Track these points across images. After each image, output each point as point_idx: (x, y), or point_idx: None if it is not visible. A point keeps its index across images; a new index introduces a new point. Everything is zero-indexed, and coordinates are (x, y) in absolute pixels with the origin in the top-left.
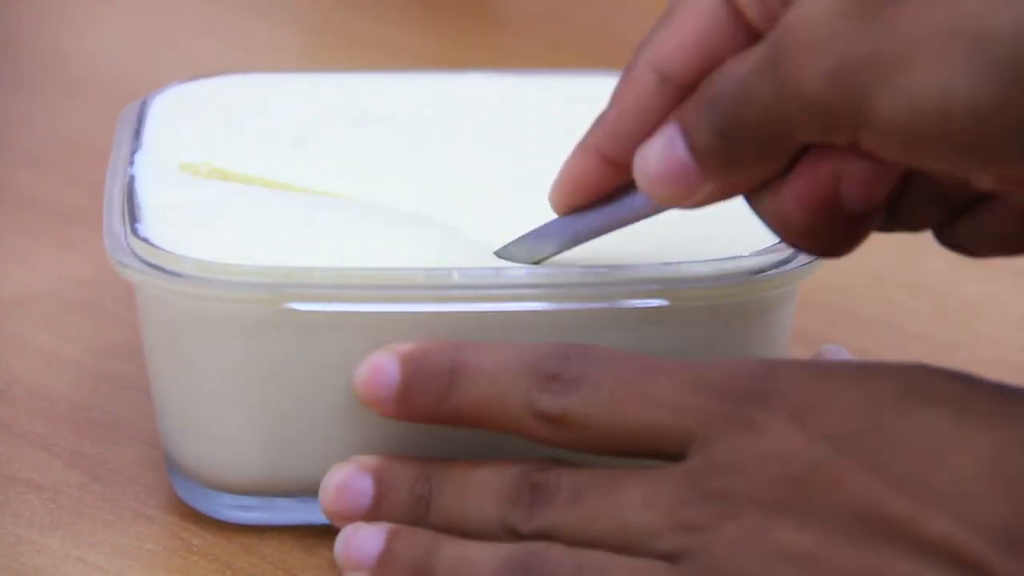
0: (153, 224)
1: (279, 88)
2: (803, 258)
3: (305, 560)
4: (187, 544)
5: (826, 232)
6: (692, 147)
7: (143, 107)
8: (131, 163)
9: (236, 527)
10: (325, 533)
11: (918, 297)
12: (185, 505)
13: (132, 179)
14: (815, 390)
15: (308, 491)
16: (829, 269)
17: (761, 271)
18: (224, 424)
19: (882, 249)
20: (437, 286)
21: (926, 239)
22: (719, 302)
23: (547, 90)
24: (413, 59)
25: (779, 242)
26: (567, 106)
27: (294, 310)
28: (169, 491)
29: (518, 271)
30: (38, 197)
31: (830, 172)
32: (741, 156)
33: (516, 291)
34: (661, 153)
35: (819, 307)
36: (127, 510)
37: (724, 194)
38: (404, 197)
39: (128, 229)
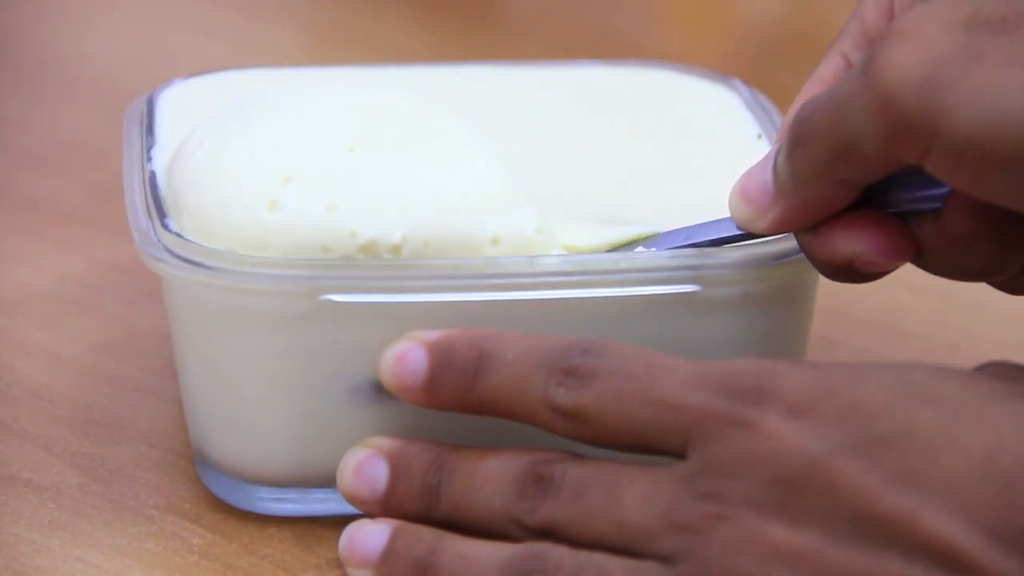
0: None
1: (282, 83)
2: None
3: (305, 560)
4: (187, 544)
5: (860, 278)
6: (774, 166)
7: (150, 103)
8: (149, 159)
9: (236, 527)
10: (325, 533)
11: (918, 297)
12: (185, 504)
13: (153, 175)
14: (811, 390)
15: None
16: None
17: (790, 255)
18: (260, 417)
19: None
20: (472, 275)
21: None
22: (749, 288)
23: (551, 82)
24: (412, 58)
25: None
26: (580, 97)
27: (331, 301)
28: (169, 491)
29: (552, 259)
30: (38, 197)
31: (856, 237)
32: (807, 167)
33: (550, 279)
34: (752, 171)
35: (819, 307)
36: (127, 510)
37: (784, 222)
38: None
39: (158, 224)
